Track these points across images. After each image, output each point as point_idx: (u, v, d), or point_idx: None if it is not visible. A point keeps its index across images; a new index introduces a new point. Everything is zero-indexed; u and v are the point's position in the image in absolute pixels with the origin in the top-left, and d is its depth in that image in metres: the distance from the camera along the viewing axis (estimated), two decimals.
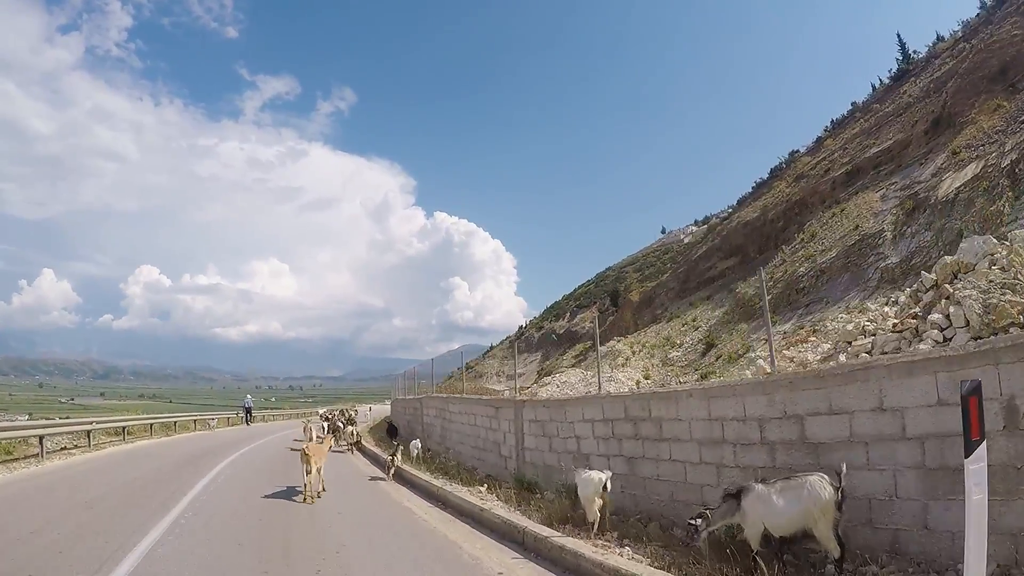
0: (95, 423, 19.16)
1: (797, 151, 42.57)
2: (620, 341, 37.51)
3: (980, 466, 2.91)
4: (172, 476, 11.70)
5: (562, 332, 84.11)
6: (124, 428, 21.50)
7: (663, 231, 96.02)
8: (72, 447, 17.44)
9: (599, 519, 6.56)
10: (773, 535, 4.81)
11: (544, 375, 59.29)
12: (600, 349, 40.54)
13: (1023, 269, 8.82)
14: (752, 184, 46.31)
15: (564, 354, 65.58)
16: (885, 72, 36.96)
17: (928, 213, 18.62)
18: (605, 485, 6.65)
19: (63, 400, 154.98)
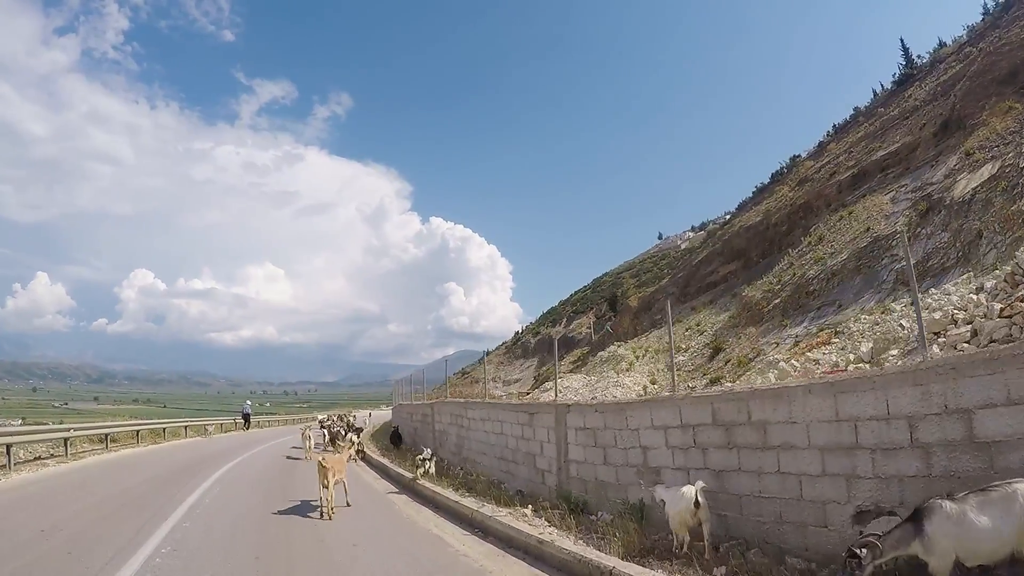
0: (72, 430, 17.26)
1: (799, 156, 42.41)
2: (620, 346, 37.08)
3: None
4: (153, 494, 10.14)
5: (559, 338, 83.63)
6: (107, 435, 19.56)
7: (660, 237, 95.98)
8: (48, 456, 15.89)
9: (704, 545, 5.49)
10: (966, 564, 3.92)
11: (542, 381, 58.89)
12: (601, 354, 39.97)
13: None
14: (753, 189, 46.08)
15: (562, 359, 65.09)
16: (886, 77, 37.06)
17: (944, 214, 18.25)
18: (697, 500, 5.51)
19: (57, 404, 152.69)
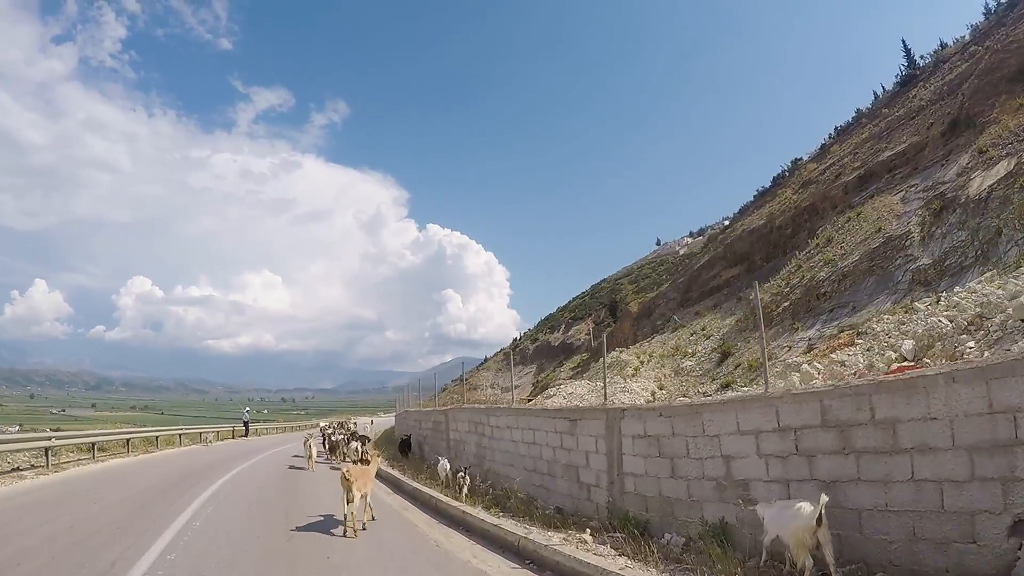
0: (54, 438, 15.71)
1: (800, 159, 42.06)
2: (623, 352, 36.51)
3: None
4: (138, 514, 8.81)
5: (557, 344, 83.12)
6: (94, 444, 18.11)
7: (658, 243, 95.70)
8: (28, 467, 14.61)
9: (831, 571, 4.64)
10: None
11: (541, 388, 58.12)
12: (603, 359, 39.46)
13: None
14: (754, 193, 45.72)
15: (561, 365, 64.47)
16: (885, 79, 36.87)
17: (959, 213, 17.79)
18: (820, 517, 4.59)
19: (54, 411, 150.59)
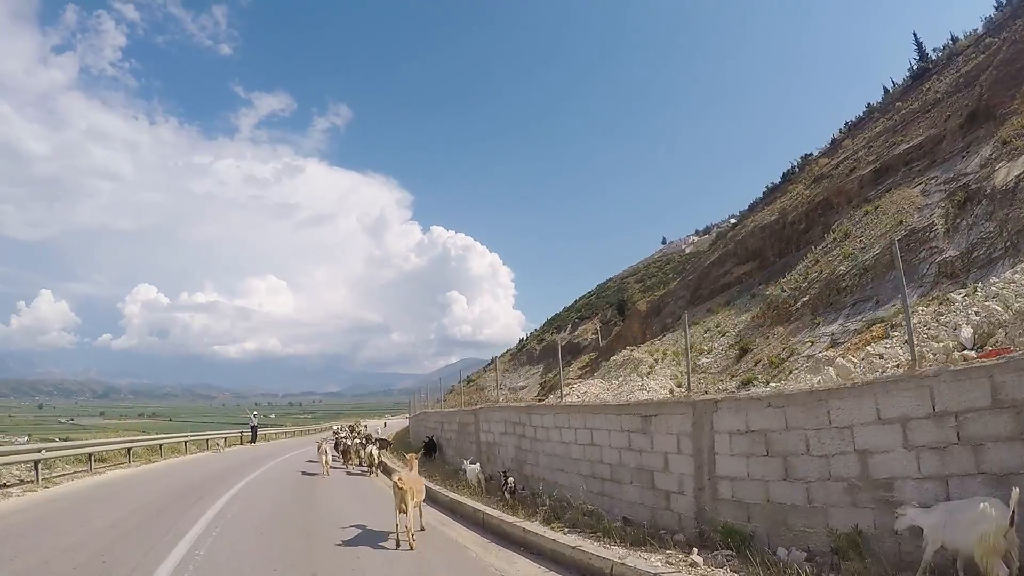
0: (44, 450, 14.44)
1: (810, 154, 41.75)
2: (634, 351, 36.19)
3: None
4: (130, 540, 7.63)
5: (564, 344, 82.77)
6: (91, 455, 16.59)
7: (664, 241, 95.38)
8: (17, 483, 13.41)
9: None
10: None
11: (549, 387, 57.90)
12: (614, 358, 39.13)
13: None
14: (763, 189, 45.42)
15: (570, 365, 64.15)
16: (894, 74, 36.55)
17: (986, 204, 17.49)
18: (1012, 517, 3.91)
19: (62, 420, 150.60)
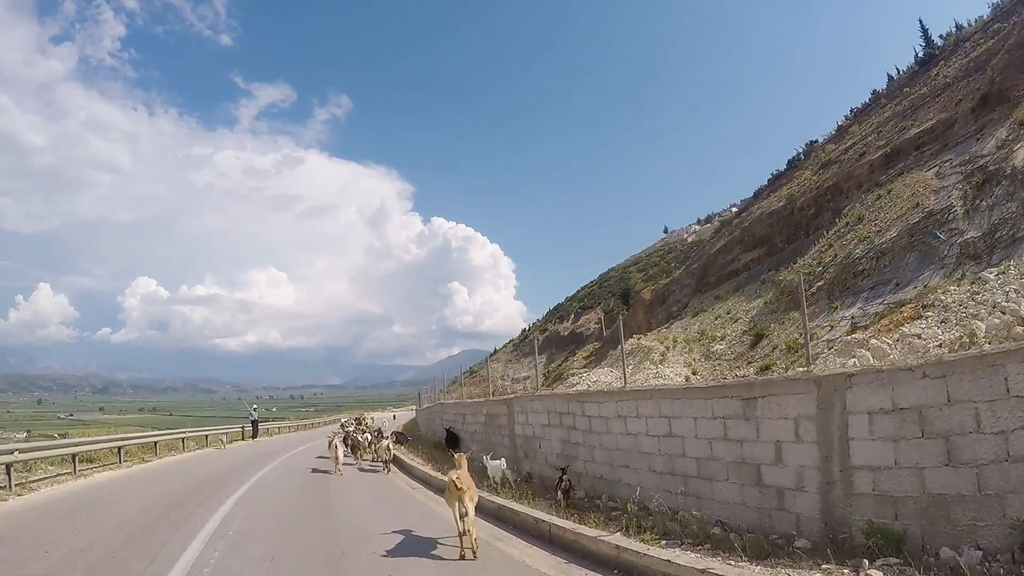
0: (18, 452, 12.73)
1: (815, 141, 41.78)
2: (641, 339, 36.25)
3: None
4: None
5: (567, 334, 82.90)
6: (75, 456, 15.07)
7: (666, 231, 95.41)
8: None
9: None
10: None
11: (554, 378, 58.02)
12: (622, 346, 39.16)
13: None
14: (768, 176, 45.44)
15: (573, 355, 64.24)
16: (897, 61, 36.68)
17: (1007, 184, 17.52)
18: None
19: (62, 416, 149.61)
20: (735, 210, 63.68)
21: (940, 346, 10.31)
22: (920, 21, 35.16)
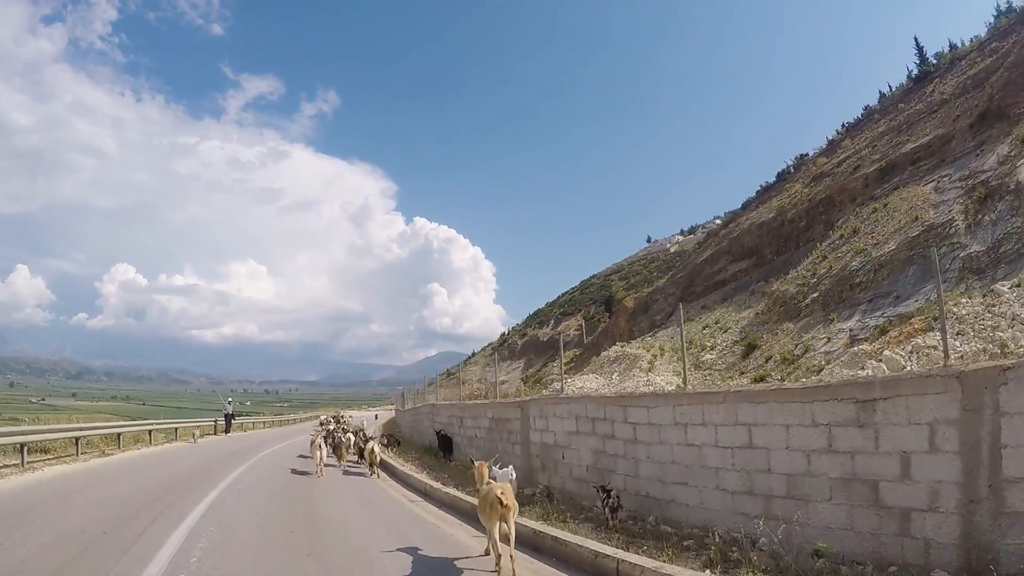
0: None
1: (805, 154, 41.77)
2: (626, 346, 35.63)
3: None
4: None
5: (546, 339, 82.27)
6: (23, 446, 13.51)
7: (649, 240, 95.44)
8: None
9: None
10: None
11: (534, 383, 57.09)
12: (605, 354, 38.51)
13: None
14: (757, 188, 45.39)
15: (553, 360, 63.51)
16: (890, 78, 36.85)
17: (1011, 199, 17.20)
18: None
19: (34, 400, 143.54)
20: (719, 222, 63.77)
21: (962, 358, 9.69)
22: (915, 39, 35.32)
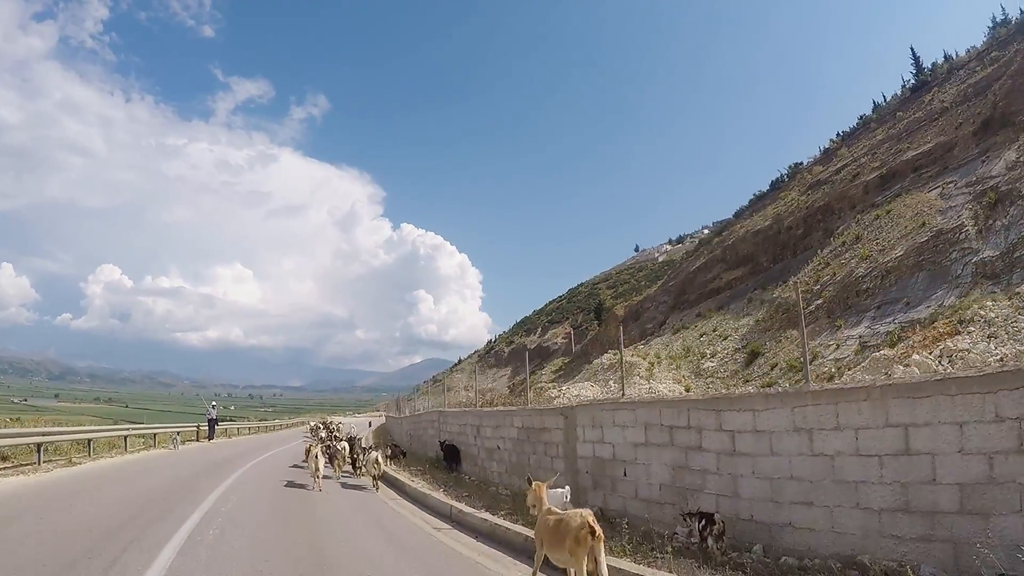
0: None
1: (800, 163, 41.62)
2: (616, 354, 34.92)
3: None
4: None
5: (533, 347, 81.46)
6: None
7: (637, 249, 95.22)
8: None
9: None
10: None
11: (519, 390, 56.09)
12: (597, 362, 37.68)
13: None
14: (749, 197, 45.15)
15: (541, 368, 62.67)
16: (884, 88, 36.72)
17: (1022, 204, 16.82)
18: None
19: (15, 401, 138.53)
20: (708, 231, 63.62)
21: (1000, 359, 9.06)
22: (912, 49, 35.34)
